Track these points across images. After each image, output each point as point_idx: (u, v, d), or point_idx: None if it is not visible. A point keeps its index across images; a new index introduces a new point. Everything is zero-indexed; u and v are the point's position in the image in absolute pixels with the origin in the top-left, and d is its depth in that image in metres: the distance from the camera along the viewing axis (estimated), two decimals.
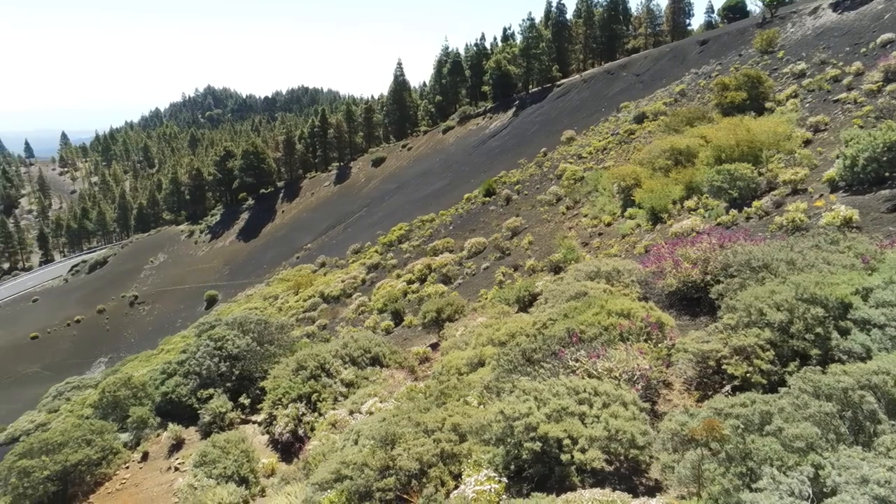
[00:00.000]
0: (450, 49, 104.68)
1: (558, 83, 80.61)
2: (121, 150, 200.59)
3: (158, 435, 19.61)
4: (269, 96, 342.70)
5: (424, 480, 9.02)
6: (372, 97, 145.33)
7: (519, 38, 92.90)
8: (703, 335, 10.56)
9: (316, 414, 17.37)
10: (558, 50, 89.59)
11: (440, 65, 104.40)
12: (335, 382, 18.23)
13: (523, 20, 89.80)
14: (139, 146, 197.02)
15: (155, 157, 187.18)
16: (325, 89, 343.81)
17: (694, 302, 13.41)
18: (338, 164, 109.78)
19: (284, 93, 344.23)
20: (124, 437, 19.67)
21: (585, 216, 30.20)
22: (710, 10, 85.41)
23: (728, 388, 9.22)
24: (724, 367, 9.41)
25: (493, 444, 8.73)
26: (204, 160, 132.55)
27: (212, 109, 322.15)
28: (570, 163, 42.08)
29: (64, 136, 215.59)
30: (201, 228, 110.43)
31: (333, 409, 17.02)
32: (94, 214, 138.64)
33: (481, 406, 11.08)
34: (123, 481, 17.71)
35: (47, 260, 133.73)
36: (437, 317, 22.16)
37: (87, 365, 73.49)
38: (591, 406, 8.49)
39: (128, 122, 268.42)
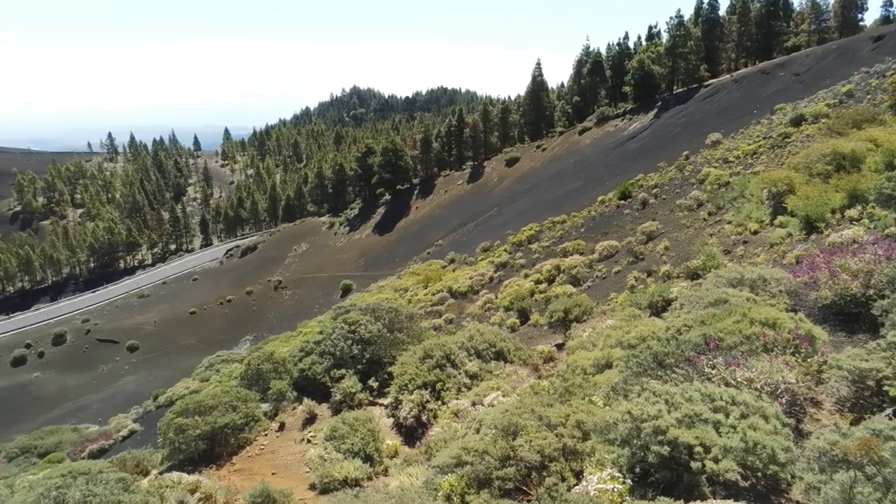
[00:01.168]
0: (591, 49, 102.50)
1: (706, 83, 76.40)
2: (274, 145, 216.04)
3: (294, 408, 20.97)
4: (410, 97, 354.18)
5: (545, 473, 8.95)
6: (509, 97, 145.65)
7: (665, 37, 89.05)
8: (862, 353, 9.59)
9: (439, 402, 17.77)
10: (707, 48, 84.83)
11: (580, 65, 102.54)
12: (459, 373, 18.55)
13: (671, 17, 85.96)
14: (290, 142, 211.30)
15: (303, 153, 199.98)
16: (462, 90, 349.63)
17: (851, 317, 12.20)
18: (472, 163, 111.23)
19: (424, 93, 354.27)
20: (265, 407, 21.21)
21: (729, 223, 28.44)
22: (889, 3, 76.91)
23: (889, 411, 8.32)
24: (885, 388, 8.51)
25: (617, 444, 8.49)
26: (346, 156, 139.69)
27: (356, 109, 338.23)
28: (715, 167, 39.78)
29: (227, 131, 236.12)
30: (341, 221, 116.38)
31: (456, 399, 17.33)
32: (248, 204, 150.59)
33: (607, 407, 10.81)
34: (262, 447, 19.13)
35: (207, 243, 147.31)
36: (564, 317, 21.86)
37: (235, 341, 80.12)
38: (727, 415, 8.00)
39: (281, 120, 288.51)
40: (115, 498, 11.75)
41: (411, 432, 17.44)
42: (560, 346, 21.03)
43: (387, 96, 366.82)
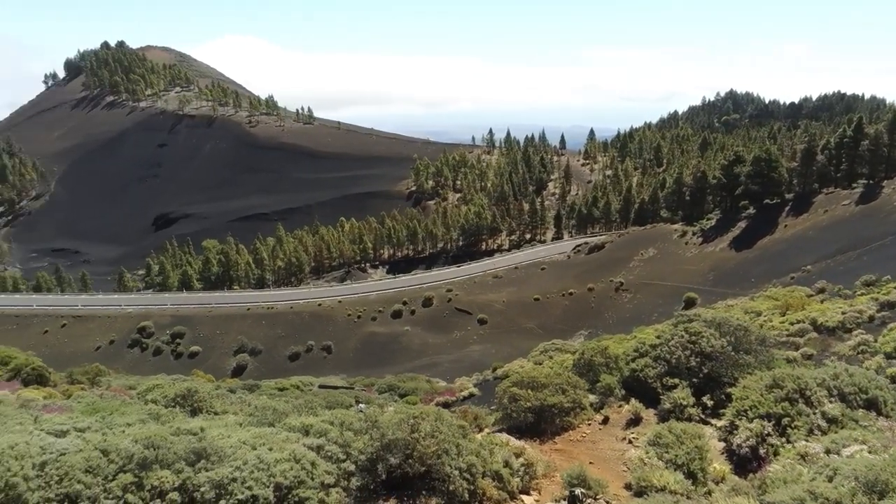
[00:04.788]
0: None
1: None
2: (635, 147, 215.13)
3: (620, 406, 20.88)
4: (795, 102, 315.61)
5: None
6: None
7: None
8: None
9: (783, 439, 15.77)
10: None
11: None
12: (814, 413, 16.10)
13: None
14: (652, 145, 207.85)
15: (664, 157, 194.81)
16: (866, 95, 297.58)
17: None
18: (865, 181, 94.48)
19: (814, 99, 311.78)
20: (591, 398, 21.59)
21: None
22: None
23: None
24: None
25: None
26: (710, 163, 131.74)
27: (729, 114, 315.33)
28: None
29: (591, 132, 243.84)
30: (694, 230, 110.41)
31: (805, 440, 15.16)
32: (601, 203, 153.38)
33: None
34: (583, 435, 19.55)
35: (558, 237, 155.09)
36: None
37: (570, 333, 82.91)
38: None
39: (646, 123, 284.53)
40: (454, 439, 13.38)
41: (744, 462, 15.87)
42: None
43: (766, 101, 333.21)
